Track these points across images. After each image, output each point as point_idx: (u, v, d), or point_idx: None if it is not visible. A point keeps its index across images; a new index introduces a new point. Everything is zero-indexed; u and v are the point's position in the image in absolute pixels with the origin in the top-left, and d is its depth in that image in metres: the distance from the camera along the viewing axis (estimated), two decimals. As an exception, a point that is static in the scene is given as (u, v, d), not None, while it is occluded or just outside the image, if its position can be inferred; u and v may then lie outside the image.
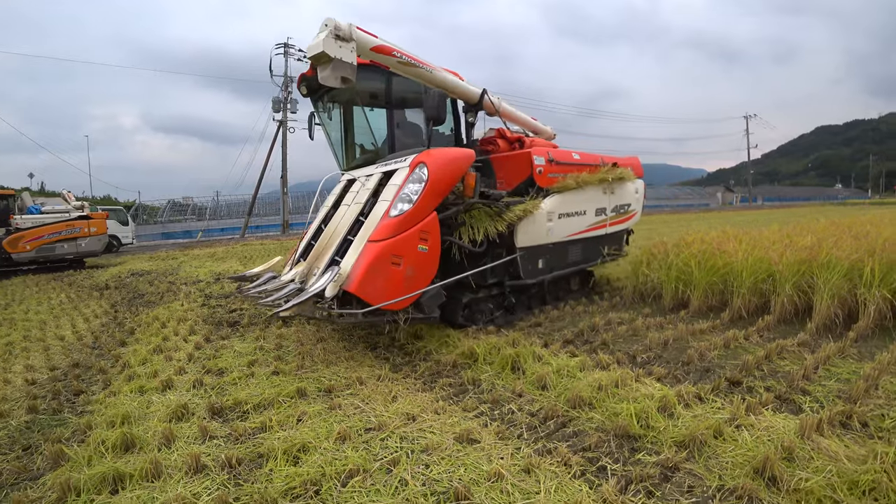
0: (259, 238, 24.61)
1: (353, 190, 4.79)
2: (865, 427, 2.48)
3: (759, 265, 5.02)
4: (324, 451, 2.46)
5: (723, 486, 1.99)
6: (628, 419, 2.55)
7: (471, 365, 3.73)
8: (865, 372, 3.13)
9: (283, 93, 25.55)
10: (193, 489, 2.22)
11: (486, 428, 2.65)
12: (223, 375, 3.84)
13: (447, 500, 1.98)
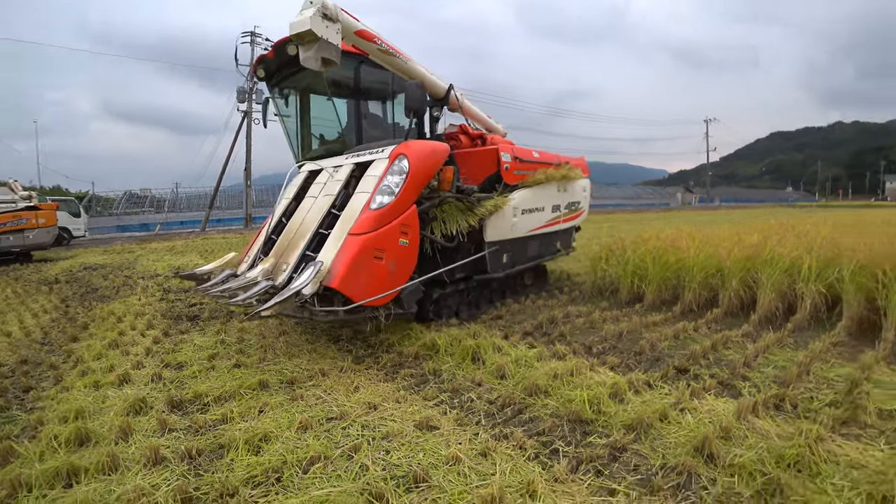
0: (220, 232, 23.96)
1: (319, 181, 4.62)
2: (795, 408, 2.69)
3: (709, 261, 5.29)
4: (285, 440, 2.48)
5: (665, 464, 2.13)
6: (581, 405, 2.68)
7: (432, 356, 3.80)
8: (799, 359, 3.38)
9: (249, 83, 24.89)
10: (152, 481, 2.20)
11: (446, 415, 2.73)
12: (183, 369, 3.78)
13: (406, 483, 2.05)
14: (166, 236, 22.49)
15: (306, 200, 4.54)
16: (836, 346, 3.80)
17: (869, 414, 2.54)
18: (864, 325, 4.23)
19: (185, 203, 34.93)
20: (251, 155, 26.69)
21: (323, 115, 5.48)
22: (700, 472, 2.03)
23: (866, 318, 4.26)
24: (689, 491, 1.94)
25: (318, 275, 3.46)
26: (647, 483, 1.99)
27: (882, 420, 2.52)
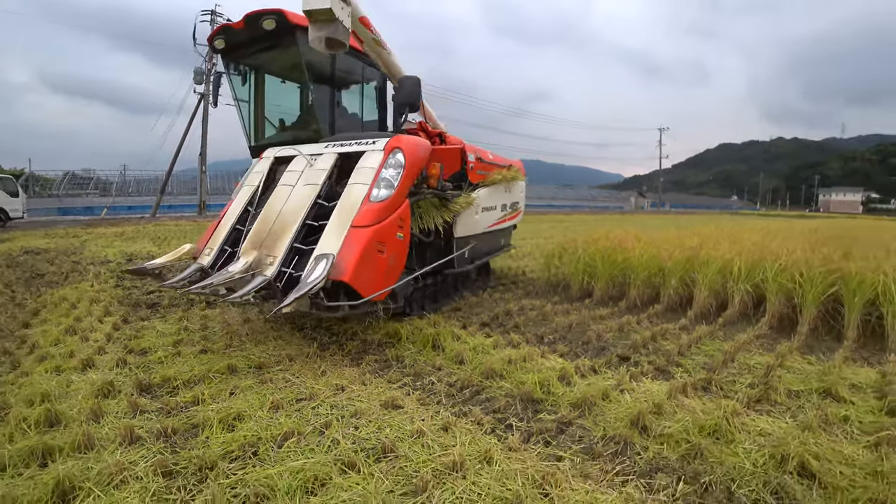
0: (173, 218, 23.12)
1: (293, 169, 4.37)
2: (721, 389, 3.07)
3: (653, 262, 5.72)
4: (258, 419, 2.62)
5: (605, 434, 2.42)
6: (533, 387, 2.96)
7: (395, 344, 3.99)
8: (726, 349, 3.79)
9: (207, 64, 24.04)
10: (129, 458, 2.27)
11: (409, 396, 2.94)
12: (147, 355, 3.81)
13: (375, 454, 2.24)
14: (114, 221, 21.51)
15: (281, 188, 4.26)
16: (758, 339, 4.26)
17: (779, 393, 2.95)
18: (784, 321, 4.75)
19: (134, 187, 33.40)
20: (207, 139, 25.82)
21: (288, 101, 5.34)
22: (635, 441, 2.34)
23: (786, 315, 4.78)
24: (625, 457, 2.24)
25: (331, 269, 3.33)
26: (589, 451, 2.28)
27: (790, 399, 2.93)
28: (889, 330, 4.17)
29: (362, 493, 1.90)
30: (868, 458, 2.20)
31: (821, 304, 4.57)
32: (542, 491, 1.93)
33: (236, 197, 4.58)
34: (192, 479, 2.11)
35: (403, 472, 2.09)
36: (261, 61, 5.08)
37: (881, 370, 3.45)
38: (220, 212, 4.58)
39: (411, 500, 1.88)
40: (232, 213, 4.41)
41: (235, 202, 4.51)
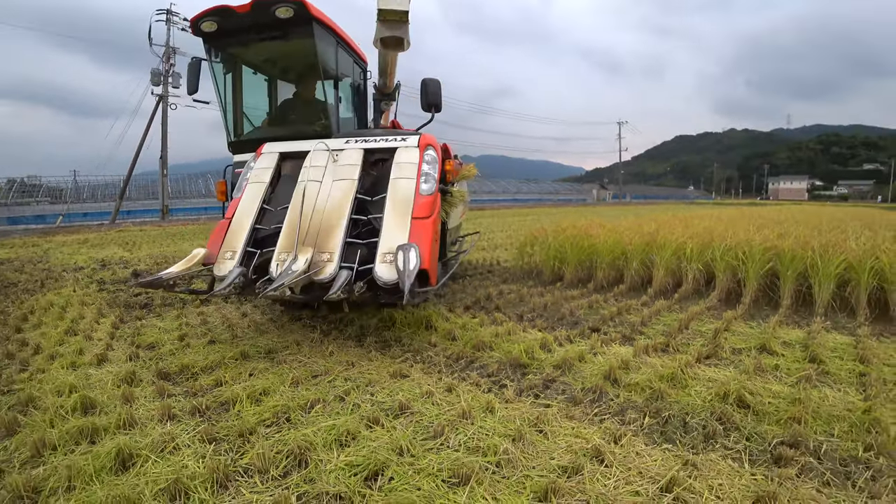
0: (136, 224, 22.54)
1: (315, 165, 4.14)
2: (677, 350, 3.61)
3: (616, 247, 6.28)
4: (282, 393, 2.95)
5: (584, 386, 2.90)
6: (519, 354, 3.41)
7: (390, 327, 4.37)
8: (681, 319, 4.36)
9: (165, 65, 23.47)
10: (173, 431, 2.52)
11: (413, 367, 3.33)
12: (156, 349, 4.04)
13: (393, 412, 2.63)
14: (72, 229, 20.77)
15: (309, 184, 4.02)
16: (709, 310, 4.87)
17: (724, 350, 3.52)
18: (731, 294, 5.39)
19: (89, 193, 32.13)
20: (167, 142, 25.23)
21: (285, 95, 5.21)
22: (608, 391, 2.83)
23: (732, 289, 5.42)
24: (601, 402, 2.71)
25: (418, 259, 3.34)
26: (571, 399, 2.74)
27: (733, 354, 3.50)
28: (816, 297, 4.85)
29: (390, 441, 2.29)
30: (789, 392, 2.76)
31: (761, 278, 5.23)
32: (538, 429, 2.37)
33: (243, 194, 4.19)
34: (237, 443, 2.41)
35: (420, 423, 2.49)
36: (260, 51, 4.84)
37: (808, 330, 4.09)
38: (227, 211, 4.19)
39: (432, 443, 2.28)
40: (246, 212, 4.03)
41: (246, 200, 4.13)
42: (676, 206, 36.21)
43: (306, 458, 2.19)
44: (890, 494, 1.87)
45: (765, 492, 1.80)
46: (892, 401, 2.66)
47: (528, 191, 56.78)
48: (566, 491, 1.84)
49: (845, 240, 5.64)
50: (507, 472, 2.01)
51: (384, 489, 1.92)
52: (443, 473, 1.99)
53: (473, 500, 1.82)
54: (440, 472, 2.00)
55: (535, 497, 1.82)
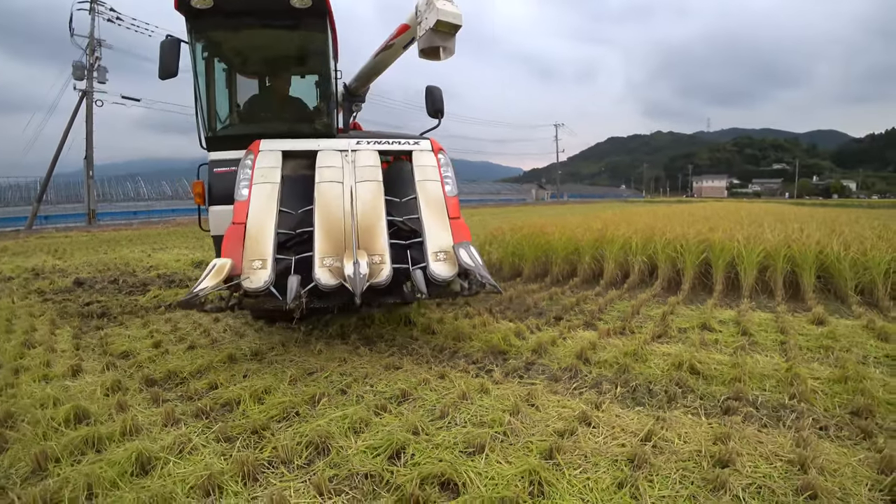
0: (59, 230, 20.93)
1: (329, 166, 3.95)
2: (633, 332, 4.09)
3: (569, 243, 6.81)
4: (283, 390, 3.07)
5: (560, 366, 3.29)
6: (498, 342, 3.75)
7: (370, 325, 4.57)
8: (632, 305, 4.89)
9: (90, 58, 21.91)
10: (184, 433, 2.53)
11: (403, 359, 3.57)
12: (132, 357, 3.96)
13: (396, 399, 2.87)
14: (-21, 237, 18.99)
15: (330, 186, 3.82)
16: (654, 297, 5.46)
17: (673, 330, 4.05)
18: (672, 282, 6.04)
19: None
20: (93, 141, 23.57)
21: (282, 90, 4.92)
22: (582, 368, 3.24)
23: (672, 277, 6.07)
24: (577, 378, 3.11)
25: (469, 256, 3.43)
26: (552, 377, 3.12)
27: (679, 333, 4.05)
28: (742, 282, 5.56)
29: (402, 424, 2.52)
30: (729, 359, 3.29)
31: (696, 267, 5.90)
32: (530, 403, 2.71)
33: (251, 196, 3.75)
34: (252, 439, 2.49)
35: (424, 407, 2.75)
36: (256, 38, 4.51)
37: (738, 310, 4.74)
38: (235, 215, 3.70)
39: (440, 422, 2.55)
40: (263, 215, 3.65)
41: (257, 202, 3.72)
42: (612, 204, 38.43)
43: (327, 446, 2.37)
44: (810, 428, 2.40)
45: (720, 434, 2.27)
46: (806, 361, 3.32)
47: (471, 191, 57.83)
48: (566, 449, 2.18)
49: (763, 232, 6.47)
50: (512, 439, 2.32)
51: (409, 464, 2.16)
52: (458, 446, 2.27)
53: (490, 464, 2.11)
54: (456, 445, 2.27)
55: (541, 456, 2.15)
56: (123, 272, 8.56)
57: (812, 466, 2.01)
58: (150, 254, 11.25)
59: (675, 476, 2.00)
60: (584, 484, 1.95)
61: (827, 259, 5.51)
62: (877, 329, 4.06)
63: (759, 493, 1.91)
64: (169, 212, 30.29)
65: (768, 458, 2.13)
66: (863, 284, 5.34)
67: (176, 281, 7.37)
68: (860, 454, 2.18)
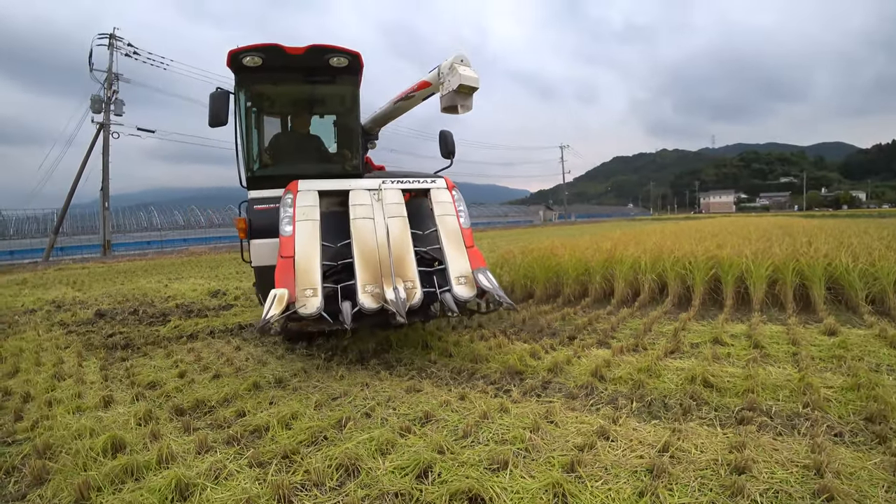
0: (76, 261, 21.35)
1: (362, 203, 4.43)
2: (645, 349, 4.17)
3: (580, 264, 6.91)
4: (310, 416, 3.16)
5: (577, 384, 3.38)
6: (514, 362, 3.85)
7: (388, 349, 4.68)
8: (644, 323, 4.97)
9: (107, 91, 22.70)
10: (219, 460, 2.61)
11: (423, 382, 3.67)
12: (159, 387, 4.08)
13: (420, 421, 2.97)
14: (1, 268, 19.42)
15: (363, 222, 4.31)
16: (666, 314, 5.53)
17: (685, 345, 4.13)
18: (682, 299, 6.11)
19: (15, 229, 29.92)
20: (108, 173, 24.21)
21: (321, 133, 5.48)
22: (598, 385, 3.32)
23: (683, 294, 6.14)
24: (594, 395, 3.19)
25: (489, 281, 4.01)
26: (569, 395, 3.21)
27: (692, 348, 4.13)
28: (752, 296, 5.63)
29: (427, 444, 2.62)
30: (742, 371, 3.37)
31: (706, 283, 5.98)
32: (549, 420, 2.80)
33: (296, 232, 4.15)
34: (284, 464, 2.57)
35: (447, 427, 2.85)
36: (296, 92, 5.15)
37: (749, 324, 4.81)
38: (282, 249, 4.10)
39: (464, 441, 2.64)
40: (309, 249, 4.07)
41: (302, 238, 4.12)
42: (620, 223, 38.53)
43: (357, 468, 2.46)
44: (825, 435, 2.48)
45: (736, 443, 2.36)
46: (818, 371, 3.40)
47: (479, 214, 58.19)
48: (587, 462, 2.27)
49: (771, 246, 6.56)
50: (534, 455, 2.41)
51: (437, 482, 2.26)
52: (483, 463, 2.36)
53: (514, 479, 2.20)
54: (480, 463, 2.37)
55: (563, 469, 2.24)
56: (142, 303, 8.77)
57: (828, 471, 2.09)
58: (167, 284, 11.49)
59: (694, 484, 2.08)
60: (606, 494, 2.04)
61: (836, 271, 5.58)
62: (889, 337, 4.12)
63: (776, 497, 1.99)
64: (181, 241, 30.77)
65: (784, 465, 2.21)
66: (873, 294, 5.39)
67: (194, 311, 7.54)
68: (875, 458, 2.26)
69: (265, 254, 4.47)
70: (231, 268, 15.31)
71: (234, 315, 7.10)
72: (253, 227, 4.65)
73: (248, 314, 7.10)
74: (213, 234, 32.51)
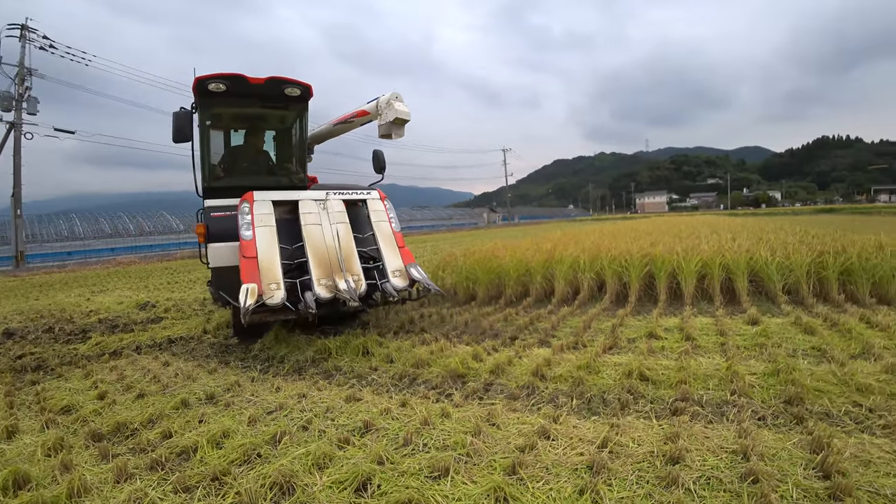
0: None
1: (310, 212, 5.06)
2: (585, 346, 4.26)
3: (521, 265, 7.01)
4: (243, 433, 2.97)
5: (518, 385, 3.39)
6: (456, 366, 3.81)
7: (327, 358, 4.52)
8: (584, 320, 5.09)
9: (19, 87, 20.75)
10: (139, 489, 2.39)
11: (363, 391, 3.56)
12: (75, 411, 3.73)
13: (359, 431, 2.86)
14: None
15: (314, 227, 4.96)
16: (604, 311, 5.70)
17: (622, 341, 4.25)
18: (619, 296, 6.32)
19: None
20: (21, 177, 22.13)
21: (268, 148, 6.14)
22: (538, 385, 3.34)
23: (620, 291, 6.36)
24: (534, 394, 3.21)
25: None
26: (510, 396, 3.20)
27: (629, 343, 4.27)
28: (684, 291, 5.91)
29: (366, 455, 2.52)
30: (675, 364, 3.50)
31: (641, 280, 6.22)
32: (490, 422, 2.78)
33: (256, 237, 4.68)
34: (213, 486, 2.39)
35: (388, 436, 2.76)
36: (250, 114, 5.77)
37: (681, 317, 5.04)
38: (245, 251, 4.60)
39: (405, 449, 2.57)
40: (270, 250, 4.64)
41: (262, 241, 4.68)
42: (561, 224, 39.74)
43: (292, 485, 2.33)
44: (750, 420, 2.62)
45: (670, 434, 2.43)
46: (743, 359, 3.61)
47: (423, 217, 58.06)
48: (528, 463, 2.25)
49: (700, 243, 6.93)
50: (476, 459, 2.37)
51: (376, 494, 2.17)
52: (424, 471, 2.29)
53: (456, 486, 2.15)
54: (421, 471, 2.30)
55: (505, 472, 2.21)
56: (59, 319, 8.03)
57: (753, 454, 2.20)
58: (90, 297, 10.60)
59: (632, 477, 2.12)
60: (547, 495, 2.03)
61: (757, 264, 5.97)
62: (803, 324, 4.44)
63: (708, 483, 2.06)
64: (107, 251, 28.47)
65: (715, 452, 2.30)
66: (789, 285, 5.82)
67: (119, 325, 6.98)
68: (794, 438, 2.40)
69: (223, 255, 4.98)
70: (162, 278, 14.40)
71: (163, 328, 6.64)
72: (210, 231, 5.07)
73: (180, 326, 6.66)
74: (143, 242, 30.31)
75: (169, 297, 9.82)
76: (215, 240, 5.03)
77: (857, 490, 1.96)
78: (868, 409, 2.73)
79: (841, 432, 2.48)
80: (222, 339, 5.82)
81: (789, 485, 2.02)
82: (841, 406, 2.78)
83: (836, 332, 4.32)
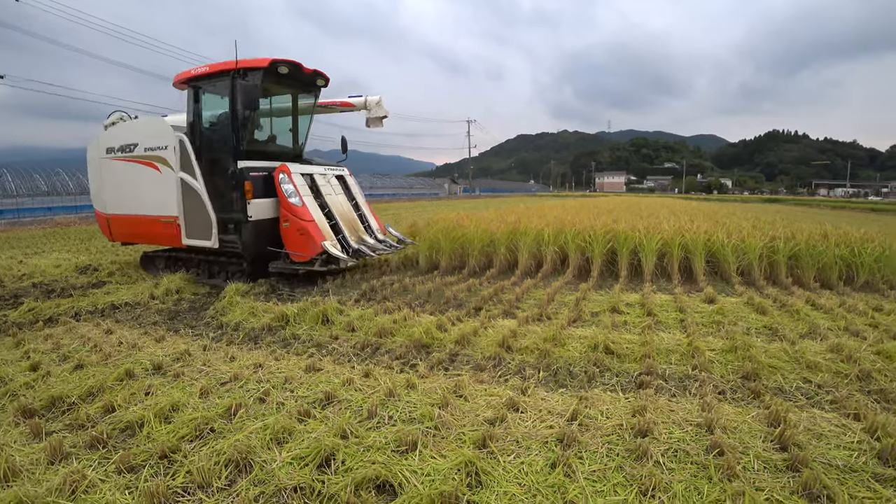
0: None
1: (324, 184, 6.65)
2: (549, 318, 4.26)
3: (485, 236, 6.96)
4: (194, 406, 2.78)
5: (484, 356, 3.35)
6: (420, 336, 3.72)
7: (284, 326, 4.34)
8: (547, 293, 5.09)
9: None
10: (77, 469, 2.16)
11: (323, 360, 3.42)
12: (1, 385, 3.42)
13: (321, 403, 2.74)
14: None
15: (332, 197, 6.63)
16: (567, 284, 5.73)
17: (586, 314, 4.27)
18: (582, 270, 6.39)
19: None
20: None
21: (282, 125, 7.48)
22: (505, 356, 3.31)
23: (583, 266, 6.43)
24: (501, 366, 3.18)
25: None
26: (477, 367, 3.16)
27: (592, 316, 4.30)
28: (644, 268, 6.03)
29: (329, 429, 2.40)
30: (638, 338, 3.55)
31: (604, 255, 6.29)
32: (457, 393, 2.72)
33: (305, 204, 6.12)
34: (161, 465, 2.21)
35: (351, 408, 2.65)
36: (283, 93, 7.11)
37: (642, 293, 5.13)
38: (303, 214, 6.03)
39: (370, 422, 2.47)
40: (320, 216, 6.22)
41: (311, 207, 6.16)
42: (524, 198, 40.02)
43: (249, 462, 2.18)
44: (712, 394, 2.68)
45: (637, 407, 2.44)
46: (703, 335, 3.70)
47: (383, 185, 57.00)
48: (498, 436, 2.21)
49: (660, 223, 7.07)
50: (444, 432, 2.30)
51: (340, 471, 2.06)
52: (390, 445, 2.21)
53: (424, 460, 2.08)
54: (387, 445, 2.21)
55: (475, 446, 2.15)
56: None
57: (717, 427, 2.24)
58: (22, 260, 9.79)
59: (602, 450, 2.12)
60: (518, 468, 1.99)
61: (714, 246, 6.15)
62: (755, 304, 4.60)
63: (676, 456, 2.08)
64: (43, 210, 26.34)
65: (680, 425, 2.33)
66: (742, 267, 6.03)
67: (56, 290, 6.47)
68: (753, 412, 2.47)
69: (263, 209, 6.08)
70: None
71: (106, 294, 6.20)
72: (255, 189, 5.99)
73: (125, 291, 6.24)
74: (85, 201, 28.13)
75: (114, 259, 9.22)
76: (259, 196, 6.01)
77: (812, 462, 2.02)
78: (817, 385, 2.86)
79: (794, 407, 2.58)
80: (171, 304, 5.50)
81: (751, 457, 2.07)
82: (793, 382, 2.90)
83: (785, 312, 4.52)
